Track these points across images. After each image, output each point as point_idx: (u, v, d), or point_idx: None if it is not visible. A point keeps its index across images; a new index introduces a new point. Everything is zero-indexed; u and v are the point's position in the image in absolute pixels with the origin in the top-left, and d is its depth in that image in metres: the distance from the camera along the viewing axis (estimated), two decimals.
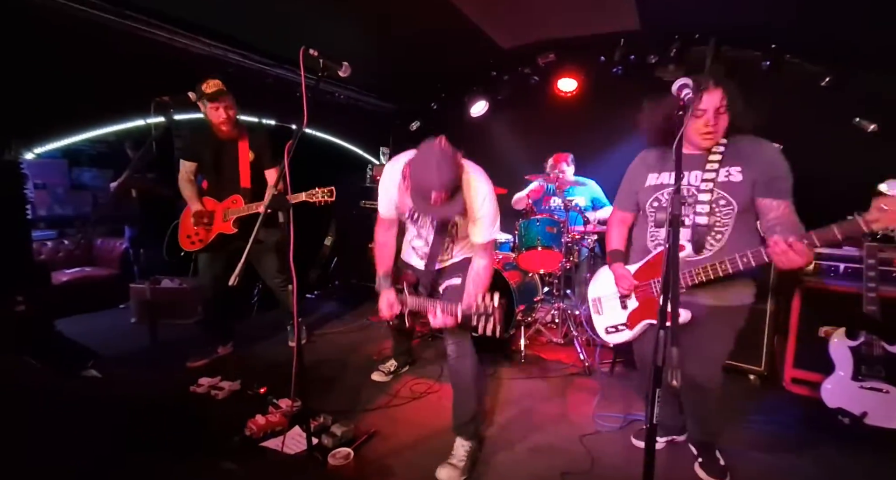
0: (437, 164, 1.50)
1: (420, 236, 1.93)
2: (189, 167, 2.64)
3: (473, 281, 1.76)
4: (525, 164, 3.91)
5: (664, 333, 1.08)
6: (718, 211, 1.54)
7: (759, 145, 1.54)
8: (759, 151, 1.52)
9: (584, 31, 3.55)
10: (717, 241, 1.56)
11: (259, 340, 3.19)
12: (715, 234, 1.56)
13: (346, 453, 1.81)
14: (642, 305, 1.74)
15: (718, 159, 1.54)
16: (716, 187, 1.53)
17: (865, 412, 1.97)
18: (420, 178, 1.54)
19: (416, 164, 1.57)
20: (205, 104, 2.43)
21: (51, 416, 1.59)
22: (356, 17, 3.06)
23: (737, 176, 1.51)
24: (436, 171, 1.50)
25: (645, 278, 1.71)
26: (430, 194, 1.52)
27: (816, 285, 2.42)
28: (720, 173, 1.54)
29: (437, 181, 1.50)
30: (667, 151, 1.60)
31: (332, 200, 2.36)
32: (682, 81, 1.32)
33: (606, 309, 1.88)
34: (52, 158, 4.39)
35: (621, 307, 1.81)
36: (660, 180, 1.65)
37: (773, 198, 1.48)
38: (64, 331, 2.69)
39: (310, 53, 1.44)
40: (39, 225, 4.26)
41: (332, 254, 4.72)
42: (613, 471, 1.85)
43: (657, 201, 1.64)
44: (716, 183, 1.53)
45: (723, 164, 1.54)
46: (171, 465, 1.61)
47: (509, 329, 3.05)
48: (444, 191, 1.52)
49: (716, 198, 1.53)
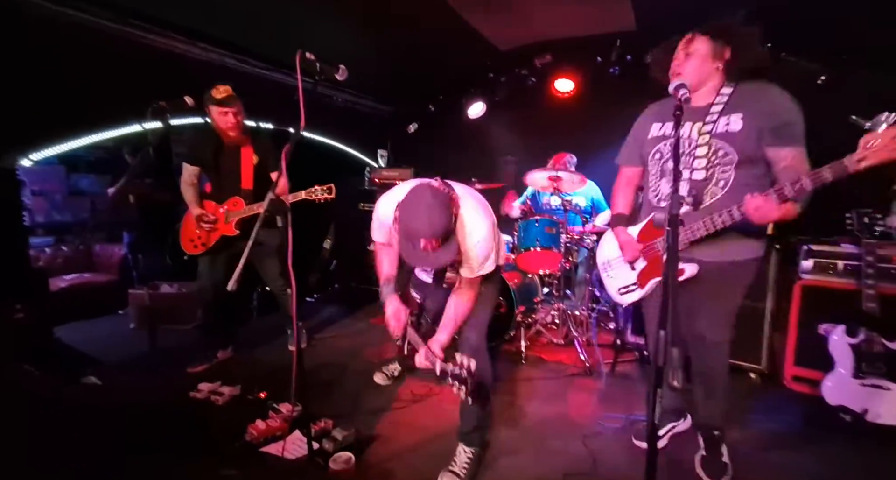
0: (427, 209, 1.38)
1: (422, 273, 1.91)
2: (192, 171, 2.64)
3: (454, 309, 1.65)
4: (522, 165, 3.92)
5: (664, 333, 1.07)
6: (718, 162, 1.50)
7: (764, 90, 1.47)
8: (764, 97, 1.46)
9: (580, 31, 3.57)
10: (714, 194, 1.52)
11: (259, 344, 3.18)
12: (713, 187, 1.52)
13: (348, 457, 1.80)
14: (650, 264, 1.72)
15: (720, 109, 1.50)
16: (714, 138, 1.49)
17: (866, 410, 1.97)
18: (409, 224, 1.40)
19: (406, 208, 1.42)
20: (213, 109, 2.44)
21: (51, 423, 1.58)
22: (353, 20, 3.07)
23: (736, 124, 1.47)
24: (426, 218, 1.37)
25: (650, 238, 1.69)
26: (419, 241, 1.40)
27: (816, 282, 2.42)
28: (719, 123, 1.49)
29: (427, 230, 1.38)
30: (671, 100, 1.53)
31: (332, 197, 2.35)
32: (678, 80, 1.32)
33: (615, 271, 1.88)
34: (50, 164, 4.37)
35: (630, 269, 1.80)
36: (662, 130, 1.64)
37: (782, 146, 1.42)
38: (63, 338, 2.68)
39: (306, 57, 1.44)
40: (37, 232, 4.25)
41: (332, 257, 4.71)
42: (615, 472, 1.85)
43: (659, 152, 1.63)
44: (714, 134, 1.50)
45: (723, 113, 1.50)
46: (171, 471, 1.61)
47: (507, 332, 3.04)
48: (435, 239, 1.39)
49: (714, 149, 1.50)
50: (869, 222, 2.07)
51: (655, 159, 1.64)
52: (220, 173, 2.66)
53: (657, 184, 1.66)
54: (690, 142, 1.54)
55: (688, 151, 1.54)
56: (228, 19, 2.90)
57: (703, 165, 1.51)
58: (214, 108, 2.44)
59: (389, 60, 3.82)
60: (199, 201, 2.65)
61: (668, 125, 1.59)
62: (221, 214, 2.62)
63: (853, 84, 2.92)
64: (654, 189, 1.68)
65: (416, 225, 1.39)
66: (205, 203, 2.66)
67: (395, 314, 1.75)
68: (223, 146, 2.59)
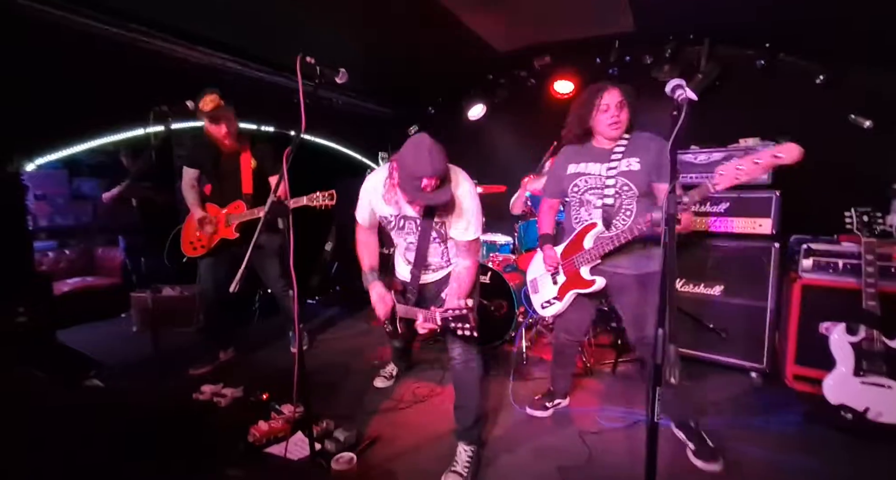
0: (428, 152, 1.54)
1: (409, 247, 1.91)
2: (192, 174, 2.68)
3: (456, 280, 1.80)
4: (523, 166, 3.93)
5: (661, 332, 1.08)
6: (623, 194, 1.86)
7: (651, 140, 1.85)
8: (652, 145, 1.83)
9: (579, 33, 3.57)
10: (623, 221, 1.89)
11: (261, 346, 3.19)
12: (622, 215, 1.89)
13: (350, 458, 1.81)
14: (569, 278, 2.03)
15: (621, 152, 1.88)
16: (619, 176, 1.85)
17: (868, 408, 1.97)
18: (412, 166, 1.55)
19: (406, 155, 1.59)
20: (205, 120, 2.47)
21: (55, 425, 1.59)
22: (353, 23, 3.09)
23: (635, 166, 1.84)
24: (428, 158, 1.53)
25: (570, 255, 2.00)
26: (421, 180, 1.55)
27: (816, 281, 2.42)
28: (622, 164, 1.86)
29: (429, 167, 1.53)
30: (579, 146, 1.99)
31: (332, 203, 2.37)
32: (675, 81, 1.34)
33: (541, 287, 2.18)
34: (53, 168, 4.40)
35: (552, 283, 2.11)
36: (577, 169, 1.97)
37: (662, 182, 1.80)
38: (66, 341, 2.70)
39: (306, 61, 1.46)
40: (40, 236, 4.27)
41: (333, 259, 4.72)
42: (611, 468, 1.86)
43: (576, 186, 1.96)
44: (619, 172, 1.86)
45: (625, 156, 1.87)
46: (175, 471, 1.62)
47: (508, 333, 3.05)
48: (436, 177, 1.56)
49: (620, 184, 1.86)
50: (869, 220, 2.07)
51: (574, 192, 1.98)
52: (220, 178, 2.68)
53: (577, 211, 2.01)
54: (600, 178, 1.90)
55: (600, 184, 1.90)
56: (229, 23, 2.92)
57: (612, 193, 1.88)
58: (206, 121, 2.48)
59: (389, 62, 3.84)
60: (201, 204, 2.67)
61: (582, 165, 1.95)
62: (223, 217, 2.64)
63: (850, 82, 2.93)
64: (575, 215, 2.02)
65: (421, 165, 1.54)
66: (207, 206, 2.69)
67: (381, 298, 1.88)
68: (222, 152, 2.63)
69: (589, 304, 2.09)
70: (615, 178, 1.85)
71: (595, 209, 1.92)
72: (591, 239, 1.93)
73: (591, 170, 1.92)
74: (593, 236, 1.93)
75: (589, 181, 1.92)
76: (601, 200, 1.90)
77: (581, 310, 2.09)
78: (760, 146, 2.59)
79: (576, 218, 2.01)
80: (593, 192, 1.92)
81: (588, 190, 1.93)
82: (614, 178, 1.86)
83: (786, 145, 1.33)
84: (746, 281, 2.59)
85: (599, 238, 1.91)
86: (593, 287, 1.95)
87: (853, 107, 2.92)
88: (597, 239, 1.92)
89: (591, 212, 1.95)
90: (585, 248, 1.93)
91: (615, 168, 1.86)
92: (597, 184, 1.90)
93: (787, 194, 2.56)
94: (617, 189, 1.86)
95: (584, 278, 1.96)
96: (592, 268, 1.96)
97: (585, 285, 1.96)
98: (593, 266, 1.96)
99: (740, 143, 2.70)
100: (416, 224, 1.83)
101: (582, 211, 1.98)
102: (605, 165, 1.89)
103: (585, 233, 1.94)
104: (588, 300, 2.07)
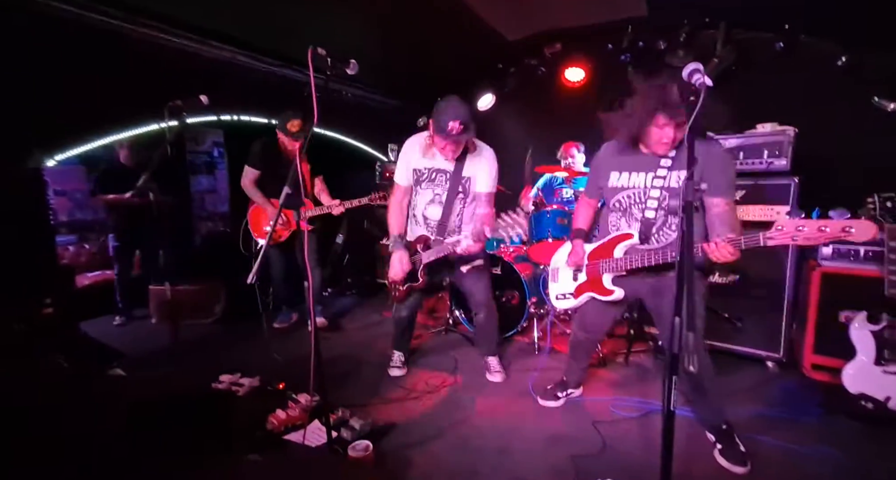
0: (455, 103, 2.05)
1: (433, 199, 2.29)
2: (255, 174, 3.11)
3: (479, 220, 2.17)
4: (534, 156, 3.89)
5: (679, 320, 1.07)
6: (667, 207, 1.74)
7: (706, 148, 1.64)
8: (706, 154, 1.62)
9: (590, 19, 3.50)
10: (665, 236, 1.79)
11: (277, 336, 3.25)
12: (665, 229, 1.78)
13: (366, 445, 1.84)
14: (589, 280, 1.99)
15: (669, 165, 1.72)
16: (664, 189, 1.73)
17: (889, 397, 1.94)
18: (442, 114, 2.03)
19: (440, 107, 2.07)
20: (285, 136, 3.00)
21: (81, 411, 1.65)
22: (361, 13, 3.07)
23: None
24: (454, 107, 2.04)
25: (597, 257, 1.94)
26: (448, 124, 2.00)
27: (836, 269, 2.37)
28: (671, 177, 1.72)
29: (455, 113, 2.01)
30: (626, 149, 1.82)
31: (385, 202, 2.69)
32: (692, 66, 1.31)
33: (561, 278, 2.15)
34: (71, 164, 4.48)
35: (572, 279, 2.08)
36: (620, 182, 1.84)
37: (713, 196, 1.65)
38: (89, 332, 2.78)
39: (318, 53, 1.46)
40: (61, 230, 4.38)
41: (345, 251, 4.76)
42: (625, 457, 1.86)
43: (619, 202, 1.86)
44: (665, 186, 1.72)
45: (673, 168, 1.72)
46: (195, 458, 1.66)
47: (520, 323, 3.05)
48: (460, 121, 2.00)
49: (663, 197, 1.73)
50: (893, 206, 2.02)
51: (616, 207, 1.88)
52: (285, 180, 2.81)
53: (617, 217, 1.90)
54: (644, 190, 1.78)
55: (643, 198, 1.79)
56: (239, 17, 2.92)
57: (654, 206, 1.77)
58: (286, 136, 2.99)
59: (397, 53, 3.81)
60: (269, 201, 3.11)
61: (625, 176, 1.82)
62: (291, 213, 3.16)
63: (872, 63, 2.82)
64: (614, 221, 1.92)
65: (449, 112, 2.03)
66: (273, 202, 3.10)
67: (400, 258, 2.28)
68: (287, 158, 3.09)
69: (612, 308, 2.03)
70: (660, 189, 1.73)
71: (635, 222, 1.82)
72: (622, 249, 1.85)
73: (635, 182, 1.80)
74: (625, 246, 1.84)
75: (632, 197, 1.82)
76: (642, 213, 1.79)
77: (602, 313, 2.05)
78: (780, 136, 2.51)
79: (613, 224, 1.92)
80: (636, 206, 1.82)
81: (632, 205, 1.83)
82: (658, 189, 1.73)
83: (861, 222, 1.23)
84: (763, 270, 2.54)
85: (633, 250, 1.81)
86: (610, 297, 1.89)
87: (877, 89, 2.82)
88: (628, 250, 1.83)
89: (630, 223, 1.85)
90: (614, 257, 1.86)
91: (662, 179, 1.73)
92: (640, 199, 1.80)
93: (807, 180, 2.49)
94: (660, 202, 1.74)
95: (605, 286, 1.90)
96: (616, 278, 1.90)
97: (604, 292, 1.91)
98: (617, 276, 1.89)
99: (757, 128, 2.64)
100: (446, 177, 2.25)
101: (622, 221, 1.87)
102: (651, 175, 1.75)
103: (619, 242, 1.86)
104: (611, 305, 1.99)
